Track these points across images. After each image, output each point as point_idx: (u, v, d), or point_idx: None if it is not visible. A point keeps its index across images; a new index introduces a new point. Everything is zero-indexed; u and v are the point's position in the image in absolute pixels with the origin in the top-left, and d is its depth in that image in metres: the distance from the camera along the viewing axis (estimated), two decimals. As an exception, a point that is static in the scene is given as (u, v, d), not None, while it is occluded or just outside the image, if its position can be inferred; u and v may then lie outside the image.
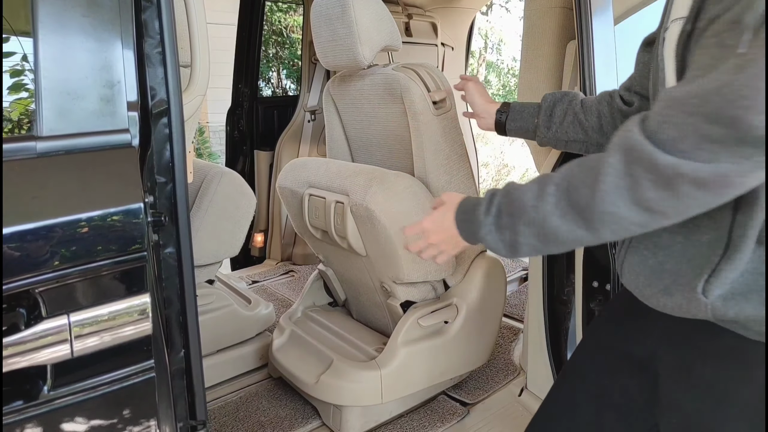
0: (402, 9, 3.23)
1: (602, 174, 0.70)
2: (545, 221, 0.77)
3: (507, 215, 0.83)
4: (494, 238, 0.85)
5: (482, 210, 0.87)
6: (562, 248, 0.80)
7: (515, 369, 2.14)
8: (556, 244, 0.79)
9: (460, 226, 0.92)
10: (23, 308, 0.74)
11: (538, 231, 0.79)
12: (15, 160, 0.74)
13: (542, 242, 0.80)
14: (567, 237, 0.77)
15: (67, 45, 0.78)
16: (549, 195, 0.77)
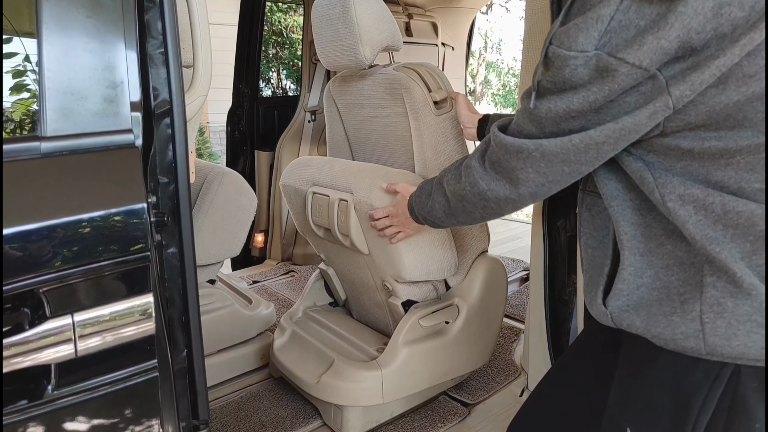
0: (402, 9, 3.24)
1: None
2: (431, 213, 1.15)
3: (418, 212, 1.22)
4: (420, 205, 1.21)
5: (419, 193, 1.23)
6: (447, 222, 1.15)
7: (516, 369, 2.14)
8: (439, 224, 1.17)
9: (412, 207, 1.25)
10: (27, 308, 0.75)
11: (429, 220, 1.19)
12: (19, 161, 0.74)
13: (433, 224, 1.20)
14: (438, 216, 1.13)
15: (70, 46, 0.78)
16: (434, 193, 1.12)
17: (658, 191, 0.75)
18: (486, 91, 14.02)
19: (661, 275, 0.78)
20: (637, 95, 0.70)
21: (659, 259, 0.79)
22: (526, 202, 0.90)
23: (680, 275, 0.76)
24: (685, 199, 0.73)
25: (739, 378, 0.73)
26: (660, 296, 0.78)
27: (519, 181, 0.85)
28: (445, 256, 1.73)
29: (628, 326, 0.81)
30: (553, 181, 0.84)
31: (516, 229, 4.32)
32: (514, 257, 3.44)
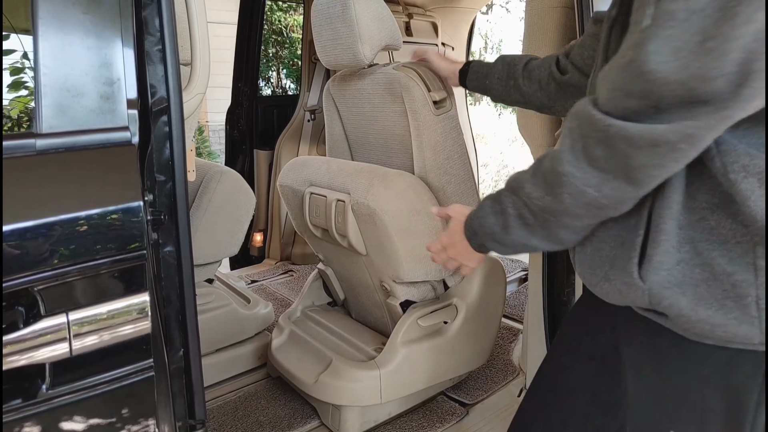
0: (402, 8, 3.23)
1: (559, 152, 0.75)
2: (508, 235, 0.87)
3: (487, 239, 0.93)
4: (491, 222, 0.91)
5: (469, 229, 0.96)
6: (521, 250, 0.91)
7: (514, 369, 2.13)
8: (523, 249, 0.90)
9: (470, 236, 0.96)
10: (22, 306, 0.74)
11: (506, 244, 0.89)
12: (15, 158, 0.74)
13: (512, 250, 0.90)
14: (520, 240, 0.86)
15: (67, 42, 0.78)
16: (509, 208, 0.85)
17: (719, 159, 0.67)
18: (486, 92, 13.97)
19: (700, 250, 0.71)
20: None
21: (699, 234, 0.71)
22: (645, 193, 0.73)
23: (724, 253, 0.69)
24: (749, 171, 0.65)
25: None
26: (705, 275, 0.70)
27: (649, 178, 0.68)
28: (444, 256, 1.72)
29: (668, 306, 0.72)
30: (684, 164, 0.68)
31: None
32: (513, 257, 3.43)
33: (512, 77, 1.41)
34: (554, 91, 1.31)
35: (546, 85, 1.32)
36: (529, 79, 1.36)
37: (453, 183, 1.75)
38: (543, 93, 1.34)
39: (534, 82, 1.35)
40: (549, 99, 1.34)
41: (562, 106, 1.32)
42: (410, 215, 1.62)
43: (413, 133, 1.73)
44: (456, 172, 1.75)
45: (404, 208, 1.61)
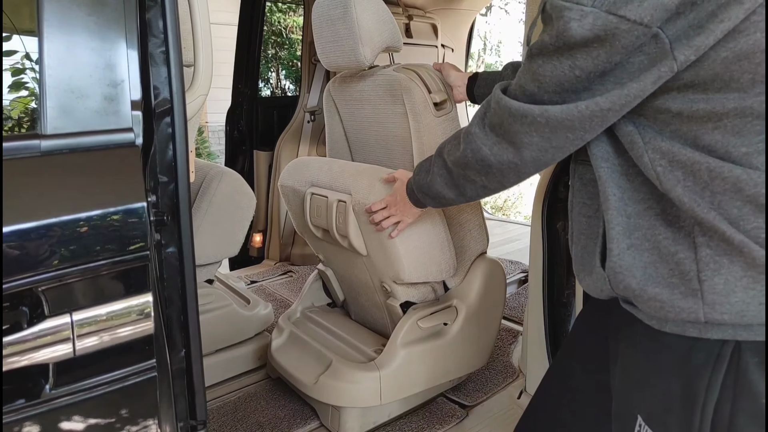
0: (402, 10, 3.24)
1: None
2: (432, 188, 1.12)
3: (418, 191, 1.21)
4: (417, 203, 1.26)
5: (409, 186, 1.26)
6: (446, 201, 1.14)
7: (514, 371, 2.14)
8: (441, 199, 1.13)
9: (409, 190, 1.26)
10: (26, 307, 0.74)
11: (431, 196, 1.15)
12: (19, 158, 0.74)
13: (436, 201, 1.16)
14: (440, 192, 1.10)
15: (71, 43, 0.78)
16: (434, 166, 1.10)
17: (647, 156, 0.76)
18: (484, 93, 13.99)
19: (649, 236, 0.79)
20: (641, 57, 0.70)
21: (646, 221, 0.80)
22: (528, 168, 0.89)
23: (669, 235, 0.77)
24: (674, 164, 0.74)
25: (740, 354, 0.73)
26: (653, 258, 0.79)
27: (522, 144, 0.85)
28: (444, 258, 1.72)
29: (624, 289, 0.81)
30: (556, 147, 0.83)
31: (514, 230, 4.33)
32: (512, 259, 3.44)
33: None
34: None
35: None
36: None
37: (453, 185, 1.76)
38: None
39: None
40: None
41: None
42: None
43: (414, 135, 1.73)
44: (456, 173, 1.76)
45: (405, 210, 1.61)
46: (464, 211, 1.80)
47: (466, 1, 3.47)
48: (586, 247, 0.90)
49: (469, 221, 1.82)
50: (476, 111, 0.95)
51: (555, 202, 1.72)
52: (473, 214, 1.82)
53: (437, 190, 1.10)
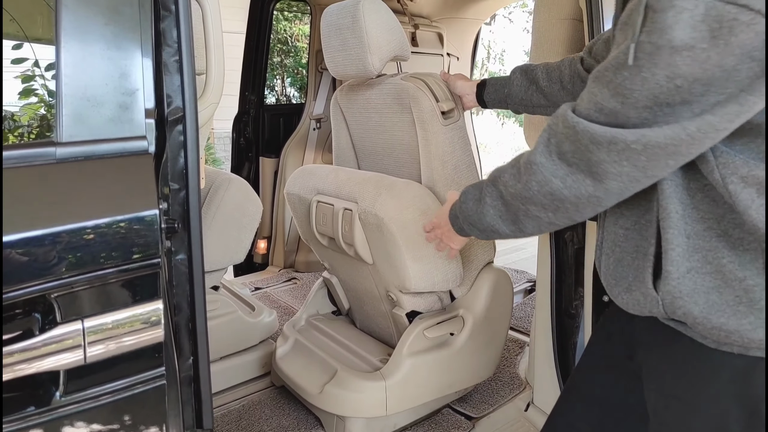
0: (409, 19, 3.25)
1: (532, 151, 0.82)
2: (482, 220, 0.95)
3: (464, 221, 1.01)
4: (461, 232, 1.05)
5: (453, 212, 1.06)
6: (498, 235, 0.96)
7: (521, 383, 2.13)
8: (492, 233, 0.96)
9: (452, 215, 1.06)
10: (38, 313, 0.74)
11: (480, 228, 0.97)
12: (35, 166, 0.74)
13: (485, 234, 0.98)
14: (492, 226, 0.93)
15: (88, 52, 0.79)
16: (486, 197, 0.93)
17: (718, 171, 0.68)
18: (488, 102, 14.03)
19: (710, 258, 0.72)
20: (752, 63, 0.59)
21: (707, 242, 0.72)
22: (611, 201, 0.76)
23: (734, 259, 0.70)
24: (747, 181, 0.67)
25: None
26: (716, 283, 0.72)
27: (607, 175, 0.71)
28: (450, 267, 1.72)
29: (683, 315, 0.74)
30: (651, 177, 0.71)
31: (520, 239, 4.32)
32: (518, 268, 3.43)
33: (533, 82, 1.40)
34: (579, 89, 1.27)
35: (570, 84, 1.31)
36: (550, 80, 1.36)
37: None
38: (566, 92, 1.33)
39: (555, 82, 1.35)
40: (574, 98, 1.29)
41: None
42: (418, 225, 1.62)
43: (421, 143, 1.73)
44: (464, 182, 1.76)
45: (412, 218, 1.61)
46: (471, 220, 1.80)
47: (472, 11, 3.48)
48: (623, 261, 0.83)
49: (476, 231, 1.81)
50: (539, 138, 0.82)
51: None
52: (480, 224, 1.82)
53: (489, 223, 0.94)
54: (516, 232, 0.92)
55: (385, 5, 1.71)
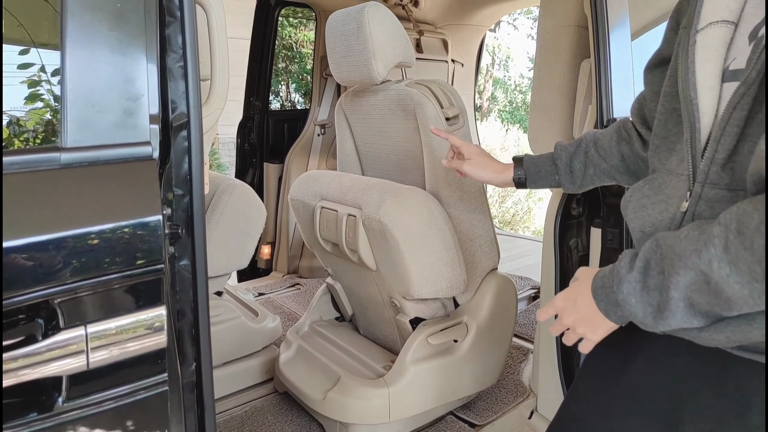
0: (414, 26, 3.26)
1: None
2: (710, 270, 0.64)
3: (657, 269, 0.70)
4: (638, 299, 0.72)
5: (623, 265, 0.75)
6: (726, 309, 0.65)
7: (525, 390, 2.11)
8: (721, 302, 0.65)
9: (597, 294, 0.79)
10: (41, 318, 0.74)
11: (701, 284, 0.66)
12: (39, 171, 0.74)
13: (704, 301, 0.66)
14: (738, 293, 0.62)
15: (93, 58, 0.79)
16: (714, 237, 0.64)
17: None
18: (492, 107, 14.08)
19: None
20: None
21: None
22: None
23: None
24: None
25: None
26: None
27: None
28: (454, 274, 1.72)
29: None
30: None
31: (523, 246, 4.31)
32: (521, 275, 3.42)
33: (591, 164, 1.17)
34: (644, 168, 1.08)
35: (632, 159, 1.10)
36: (610, 157, 1.13)
37: (464, 200, 1.75)
38: (631, 167, 1.12)
39: (614, 157, 1.12)
40: (638, 174, 1.11)
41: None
42: (421, 231, 1.62)
43: (425, 150, 1.73)
44: (468, 189, 1.76)
45: (416, 224, 1.61)
46: (475, 226, 1.80)
47: (476, 17, 3.49)
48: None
49: (480, 236, 1.81)
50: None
51: (568, 220, 1.71)
52: (484, 230, 1.82)
53: (676, 323, 0.70)
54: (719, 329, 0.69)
55: (389, 12, 1.71)
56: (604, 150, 1.13)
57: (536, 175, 1.26)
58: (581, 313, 0.82)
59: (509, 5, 3.40)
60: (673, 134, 0.87)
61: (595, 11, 1.53)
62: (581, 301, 0.82)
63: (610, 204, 1.54)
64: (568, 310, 0.84)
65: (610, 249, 1.54)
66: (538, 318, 0.91)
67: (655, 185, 0.86)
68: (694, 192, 0.76)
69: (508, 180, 1.31)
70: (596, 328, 0.81)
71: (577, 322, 0.83)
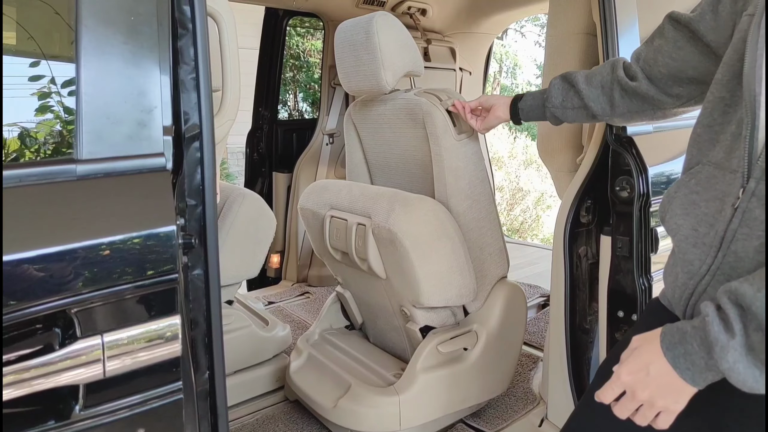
0: (422, 34, 3.28)
1: None
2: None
3: (755, 328, 0.65)
4: (748, 365, 0.66)
5: (716, 330, 0.68)
6: None
7: (535, 398, 2.10)
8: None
9: (679, 363, 0.71)
10: (58, 328, 0.75)
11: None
12: (56, 183, 0.76)
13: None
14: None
15: (108, 71, 0.80)
16: None
17: None
18: (500, 115, 14.06)
19: None
20: None
21: None
22: None
23: None
24: None
25: None
26: None
27: None
28: (464, 282, 1.72)
29: None
30: None
31: (533, 254, 4.30)
32: (531, 283, 3.41)
33: (571, 84, 1.32)
34: (618, 97, 1.21)
35: (609, 90, 1.22)
36: (589, 84, 1.27)
37: (474, 208, 1.76)
38: (605, 97, 1.24)
39: (595, 87, 1.26)
40: (611, 105, 1.24)
41: (622, 115, 1.24)
42: (431, 240, 1.63)
43: (434, 158, 1.74)
44: (477, 197, 1.76)
45: (425, 233, 1.62)
46: (485, 234, 1.80)
47: (484, 25, 3.50)
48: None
49: (490, 245, 1.81)
50: None
51: (577, 227, 1.71)
52: (494, 238, 1.82)
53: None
54: None
55: (398, 21, 1.73)
56: (593, 73, 1.27)
57: (534, 93, 1.46)
58: (659, 382, 0.73)
59: (517, 13, 3.41)
60: (719, 124, 0.85)
61: (604, 19, 1.53)
62: (656, 370, 0.73)
63: (620, 212, 1.54)
64: (641, 383, 0.74)
65: (620, 257, 1.54)
66: (600, 399, 0.81)
67: (703, 179, 0.84)
68: (748, 188, 0.74)
69: (506, 100, 1.52)
70: (679, 397, 0.73)
71: (655, 394, 0.74)
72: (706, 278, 0.79)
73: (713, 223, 0.79)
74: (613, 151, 1.55)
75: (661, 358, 0.73)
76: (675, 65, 1.05)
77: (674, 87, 1.09)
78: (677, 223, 0.86)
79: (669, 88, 1.10)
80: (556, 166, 2.02)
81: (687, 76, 1.06)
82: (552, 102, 1.38)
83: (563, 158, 1.97)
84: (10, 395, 0.71)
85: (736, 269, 0.74)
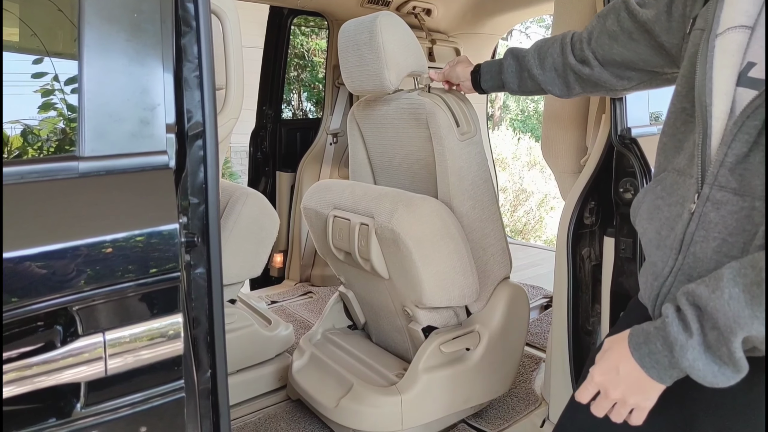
0: (426, 35, 3.27)
1: None
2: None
3: (711, 327, 0.69)
4: (707, 362, 0.70)
5: (675, 331, 0.72)
6: None
7: (537, 399, 2.10)
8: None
9: (646, 362, 0.75)
10: (60, 326, 0.75)
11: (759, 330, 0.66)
12: (58, 180, 0.76)
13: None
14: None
15: (110, 68, 0.80)
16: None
17: None
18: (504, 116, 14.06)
19: None
20: None
21: None
22: None
23: None
24: None
25: None
26: None
27: None
28: (467, 282, 1.71)
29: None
30: None
31: (535, 255, 4.29)
32: (533, 284, 3.40)
33: (525, 68, 1.40)
34: (573, 81, 1.30)
35: (563, 74, 1.31)
36: (543, 68, 1.35)
37: (477, 208, 1.75)
38: (560, 80, 1.33)
39: (549, 70, 1.34)
40: (567, 87, 1.33)
41: (578, 94, 1.34)
42: (434, 240, 1.62)
43: (437, 159, 1.74)
44: (480, 197, 1.76)
45: (428, 233, 1.61)
46: (488, 235, 1.79)
47: (488, 26, 3.50)
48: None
49: (493, 245, 1.81)
50: None
51: (580, 229, 1.70)
52: (497, 239, 1.81)
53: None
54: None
55: (402, 21, 1.72)
56: (544, 55, 1.34)
57: (488, 74, 1.54)
58: (628, 381, 0.77)
59: (522, 14, 3.41)
60: (681, 132, 0.88)
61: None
62: (625, 369, 0.77)
63: (623, 213, 1.53)
64: (612, 382, 0.79)
65: (623, 258, 1.54)
66: (578, 399, 0.85)
67: (667, 186, 0.88)
68: (702, 193, 0.78)
69: (467, 74, 1.62)
70: (649, 394, 0.77)
71: (626, 392, 0.78)
72: (669, 279, 0.82)
73: (673, 227, 0.82)
74: (617, 153, 1.54)
75: (629, 358, 0.77)
76: (628, 55, 1.12)
77: (627, 71, 1.17)
78: (644, 227, 0.90)
79: (622, 72, 1.18)
80: (560, 168, 2.01)
81: (639, 66, 1.14)
82: (509, 86, 1.48)
83: (567, 160, 1.96)
84: (12, 392, 0.71)
85: (695, 270, 0.77)
